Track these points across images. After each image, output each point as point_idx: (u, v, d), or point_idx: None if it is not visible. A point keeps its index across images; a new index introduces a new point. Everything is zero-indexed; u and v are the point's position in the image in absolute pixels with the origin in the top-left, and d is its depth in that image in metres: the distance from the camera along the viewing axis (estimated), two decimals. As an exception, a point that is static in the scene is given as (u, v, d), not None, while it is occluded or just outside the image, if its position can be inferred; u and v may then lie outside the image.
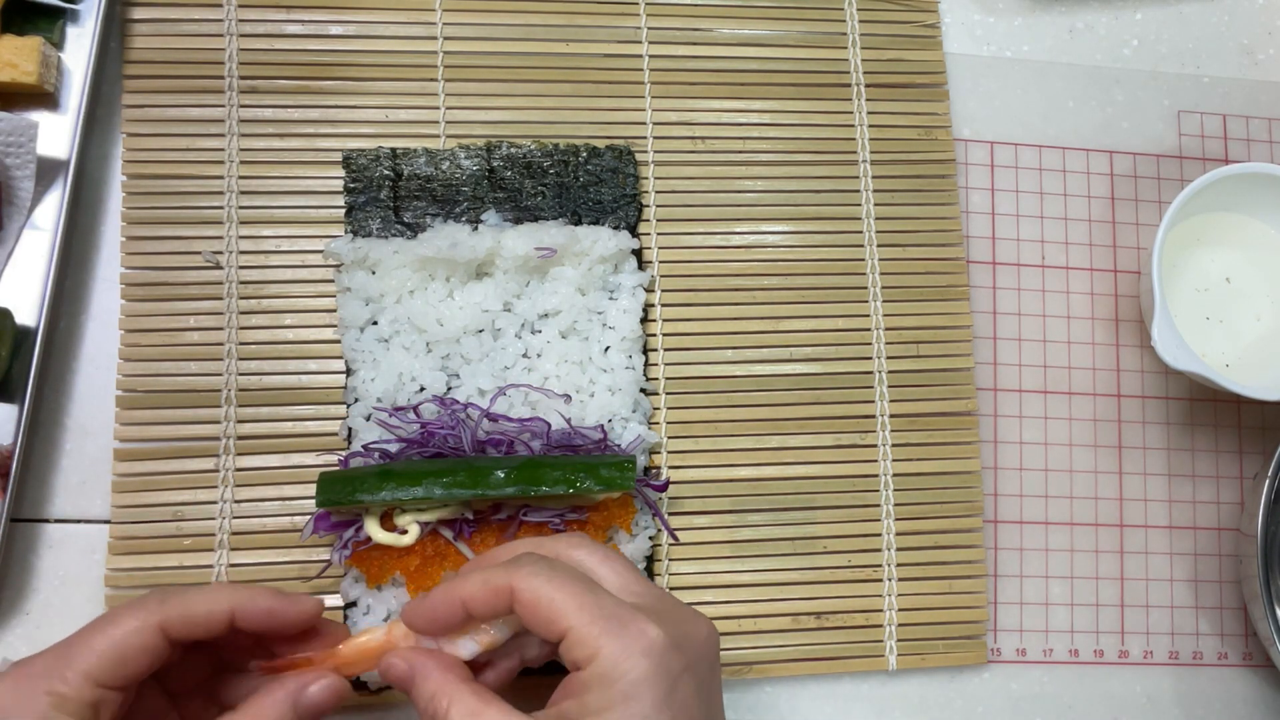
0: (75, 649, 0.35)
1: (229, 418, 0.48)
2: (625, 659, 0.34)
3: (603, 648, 0.34)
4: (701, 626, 0.37)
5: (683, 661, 0.35)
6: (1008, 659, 0.52)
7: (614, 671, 0.34)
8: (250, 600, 0.37)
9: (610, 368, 0.49)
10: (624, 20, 0.53)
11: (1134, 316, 0.55)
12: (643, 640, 0.34)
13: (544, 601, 0.35)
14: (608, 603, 0.35)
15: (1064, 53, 0.58)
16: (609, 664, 0.34)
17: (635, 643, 0.34)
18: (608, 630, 0.34)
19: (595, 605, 0.35)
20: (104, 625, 0.35)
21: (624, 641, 0.34)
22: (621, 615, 0.35)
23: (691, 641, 0.36)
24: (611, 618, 0.35)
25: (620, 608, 0.35)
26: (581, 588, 0.35)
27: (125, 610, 0.36)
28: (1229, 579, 0.54)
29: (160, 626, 0.35)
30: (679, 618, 0.37)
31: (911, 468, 0.52)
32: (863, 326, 0.52)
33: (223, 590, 0.37)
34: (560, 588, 0.35)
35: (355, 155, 0.50)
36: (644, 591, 0.37)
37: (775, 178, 0.53)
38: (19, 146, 0.46)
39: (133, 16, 0.50)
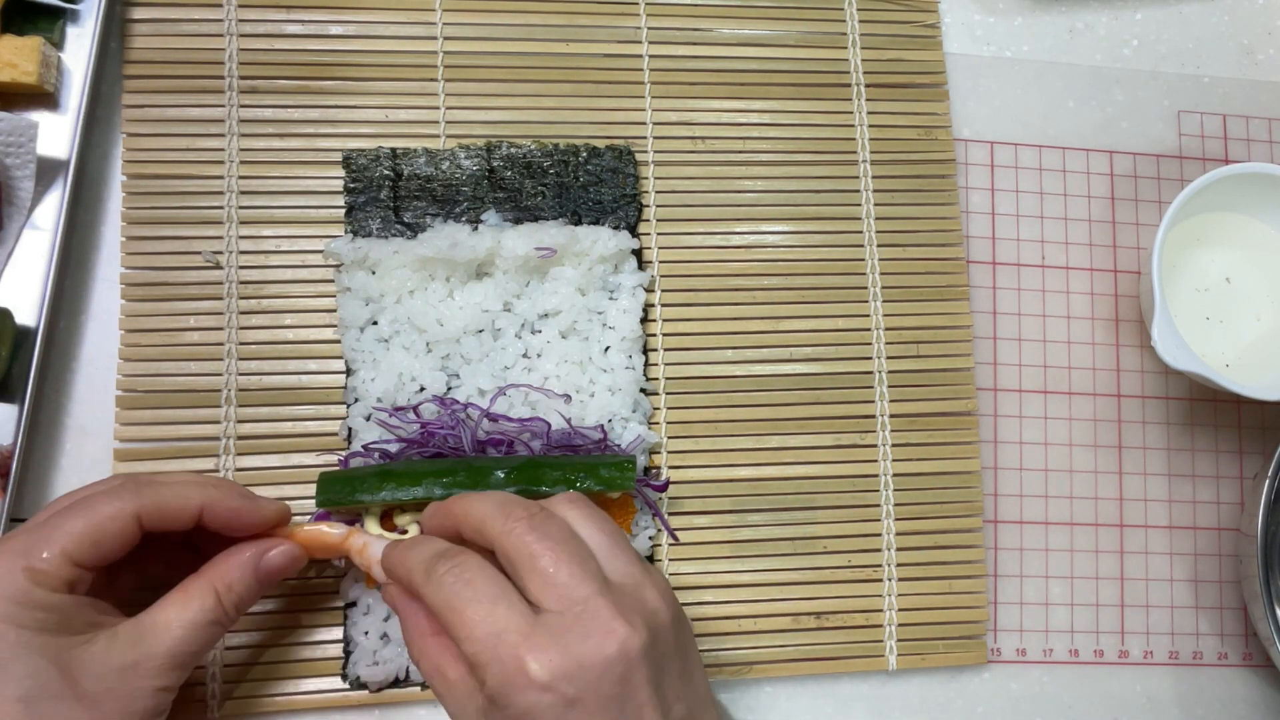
0: (53, 529, 0.36)
1: (229, 418, 0.48)
2: (504, 695, 0.35)
3: (489, 677, 0.35)
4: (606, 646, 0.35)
5: (565, 696, 0.34)
6: (1008, 659, 0.52)
7: (499, 700, 0.35)
8: (220, 499, 0.39)
9: (610, 368, 0.49)
10: (624, 20, 0.53)
11: (1134, 316, 0.55)
12: (521, 676, 0.34)
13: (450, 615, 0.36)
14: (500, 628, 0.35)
15: (1064, 53, 0.58)
16: (493, 692, 0.35)
17: (515, 679, 0.35)
18: (494, 661, 0.35)
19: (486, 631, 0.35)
20: (82, 509, 0.37)
21: (505, 677, 0.35)
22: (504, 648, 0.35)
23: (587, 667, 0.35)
24: (497, 650, 0.35)
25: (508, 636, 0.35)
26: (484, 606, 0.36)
27: (103, 497, 0.37)
28: (1229, 579, 0.54)
29: (135, 514, 0.37)
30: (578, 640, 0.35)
31: (911, 468, 0.52)
32: (863, 326, 0.52)
33: (194, 485, 0.39)
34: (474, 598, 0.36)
35: (355, 155, 0.50)
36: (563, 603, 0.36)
37: (775, 178, 0.53)
38: (19, 146, 0.46)
39: (133, 16, 0.50)
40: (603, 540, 0.38)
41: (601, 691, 0.35)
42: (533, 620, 0.35)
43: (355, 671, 0.46)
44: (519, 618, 0.35)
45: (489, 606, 0.36)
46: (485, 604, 0.36)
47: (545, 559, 0.36)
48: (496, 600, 0.36)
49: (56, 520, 0.37)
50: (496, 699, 0.35)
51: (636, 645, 0.35)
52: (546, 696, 0.34)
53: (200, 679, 0.45)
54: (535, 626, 0.35)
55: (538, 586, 0.36)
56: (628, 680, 0.35)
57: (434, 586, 0.37)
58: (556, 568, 0.36)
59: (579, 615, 0.35)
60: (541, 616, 0.36)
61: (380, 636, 0.46)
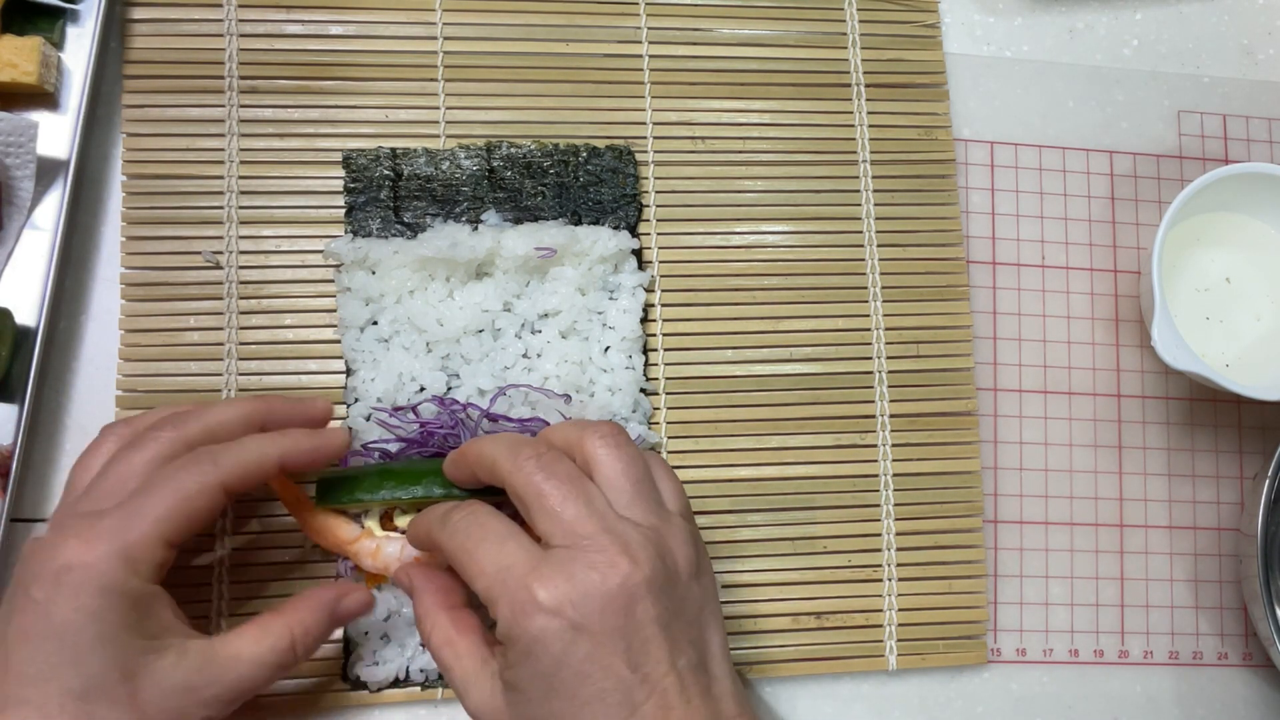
0: (144, 511, 0.36)
1: (229, 418, 0.47)
2: (516, 623, 0.35)
3: (499, 610, 0.36)
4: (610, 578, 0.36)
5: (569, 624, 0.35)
6: (1008, 659, 0.52)
7: (511, 632, 0.36)
8: (293, 447, 0.40)
9: (610, 368, 0.49)
10: (624, 20, 0.53)
11: (1134, 316, 0.55)
12: (530, 604, 0.35)
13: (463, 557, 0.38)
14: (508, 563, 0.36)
15: (1064, 53, 0.58)
16: (505, 626, 0.36)
17: (524, 607, 0.35)
18: (504, 593, 0.36)
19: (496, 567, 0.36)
20: (167, 487, 0.36)
21: (514, 607, 0.36)
22: (512, 579, 0.36)
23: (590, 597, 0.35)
24: (506, 583, 0.36)
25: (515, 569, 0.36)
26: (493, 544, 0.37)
27: (185, 472, 0.37)
28: (1229, 579, 0.54)
29: (221, 485, 0.37)
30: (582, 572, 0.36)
31: (911, 468, 0.52)
32: (863, 326, 0.52)
33: (269, 442, 0.40)
34: (484, 538, 0.37)
35: (355, 155, 0.50)
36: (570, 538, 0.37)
37: (775, 178, 0.53)
38: (19, 146, 0.46)
39: (133, 16, 0.50)
40: (626, 478, 0.39)
41: (606, 622, 0.35)
42: (540, 555, 0.36)
43: (355, 671, 0.46)
44: (526, 553, 0.37)
45: (498, 544, 0.37)
46: (494, 543, 0.37)
47: (552, 496, 0.37)
48: (505, 539, 0.37)
49: (146, 501, 0.36)
50: (509, 633, 0.36)
51: (639, 580, 0.36)
52: (554, 621, 0.35)
53: (200, 679, 0.45)
54: (542, 560, 0.36)
55: (545, 523, 0.37)
56: (631, 613, 0.36)
57: (449, 532, 0.38)
58: (563, 505, 0.37)
59: (584, 549, 0.36)
60: (549, 552, 0.36)
61: (380, 637, 0.46)
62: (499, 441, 0.40)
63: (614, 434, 0.40)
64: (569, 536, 0.36)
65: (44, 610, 0.34)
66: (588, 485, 0.38)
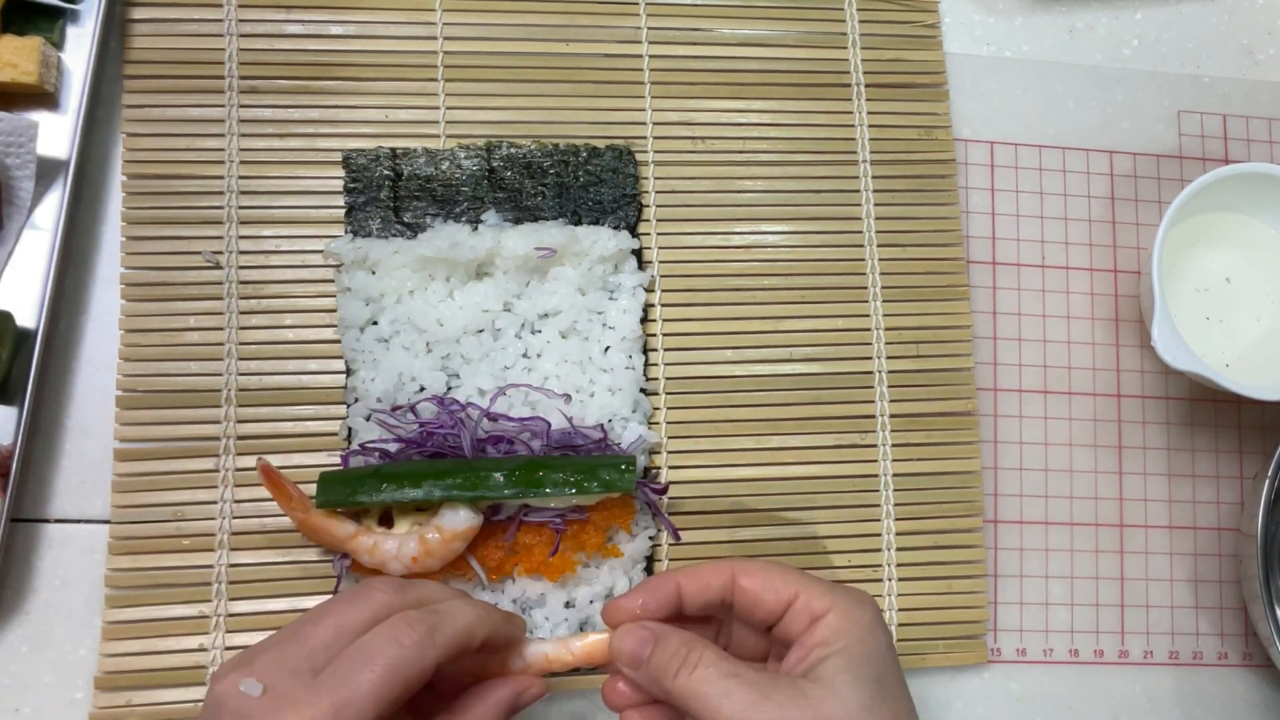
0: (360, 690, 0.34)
1: (229, 418, 0.48)
2: (858, 604, 0.38)
3: (837, 596, 0.38)
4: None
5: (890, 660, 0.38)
6: (1008, 659, 0.52)
7: (853, 610, 0.38)
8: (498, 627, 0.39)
9: (610, 368, 0.49)
10: (624, 20, 0.53)
11: (1134, 316, 0.55)
12: (862, 595, 0.39)
13: (772, 578, 0.39)
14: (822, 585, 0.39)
15: (1064, 53, 0.58)
16: (847, 607, 0.38)
17: (858, 595, 0.39)
18: (834, 589, 0.39)
19: (813, 578, 0.39)
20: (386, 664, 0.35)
21: (851, 594, 0.39)
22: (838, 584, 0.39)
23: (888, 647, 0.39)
24: (832, 584, 0.39)
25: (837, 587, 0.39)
26: (797, 571, 0.39)
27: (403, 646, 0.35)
28: (1229, 579, 0.54)
29: (438, 661, 0.36)
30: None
31: (911, 468, 0.52)
32: (863, 326, 0.52)
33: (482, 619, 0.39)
34: (780, 570, 0.39)
35: (355, 155, 0.50)
36: None
37: (775, 178, 0.53)
38: (19, 146, 0.46)
39: (133, 16, 0.50)
40: None
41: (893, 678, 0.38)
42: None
43: None
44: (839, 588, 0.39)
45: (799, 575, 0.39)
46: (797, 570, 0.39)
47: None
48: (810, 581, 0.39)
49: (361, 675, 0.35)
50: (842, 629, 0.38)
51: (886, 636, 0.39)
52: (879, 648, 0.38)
53: (200, 680, 0.45)
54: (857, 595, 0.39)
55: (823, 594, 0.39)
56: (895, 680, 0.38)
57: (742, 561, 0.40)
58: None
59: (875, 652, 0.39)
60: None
61: None
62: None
63: None
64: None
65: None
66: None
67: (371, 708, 0.34)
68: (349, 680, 0.35)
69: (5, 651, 0.46)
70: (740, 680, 0.36)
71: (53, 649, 0.46)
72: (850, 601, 0.38)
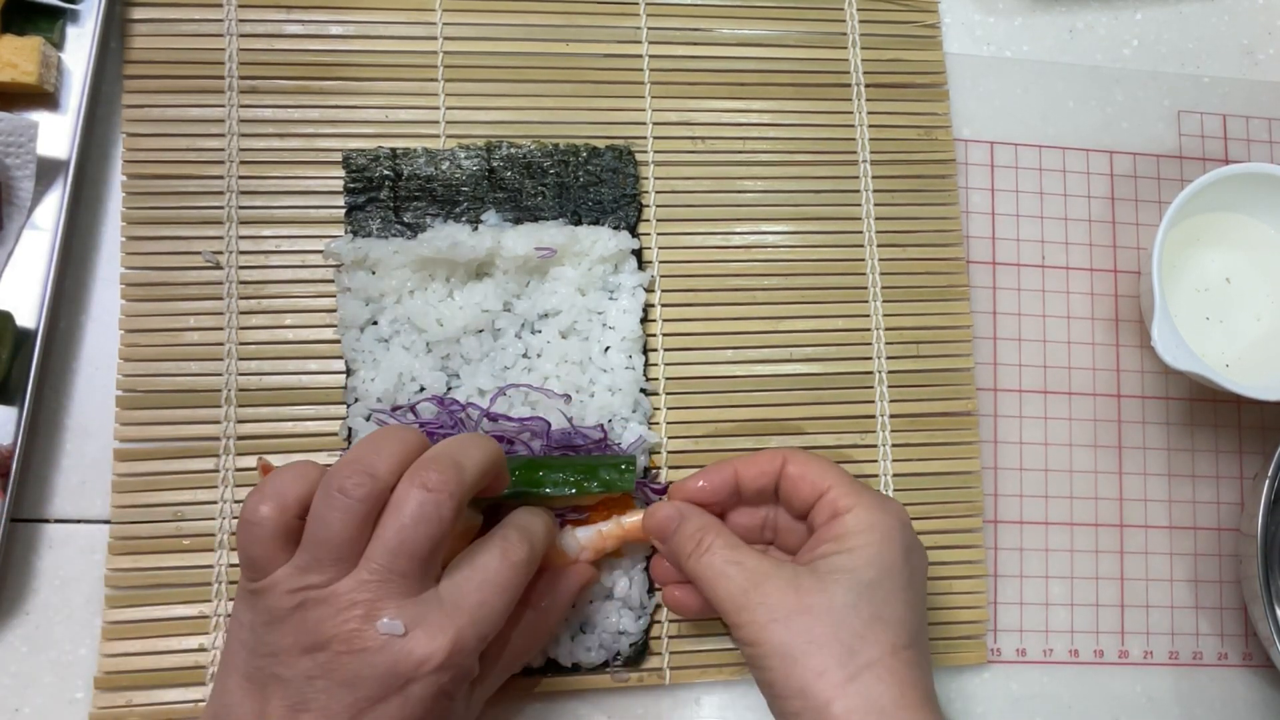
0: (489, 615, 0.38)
1: (229, 418, 0.48)
2: (882, 510, 0.41)
3: (863, 499, 0.41)
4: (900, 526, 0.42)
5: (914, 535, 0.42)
6: (1008, 659, 0.52)
7: (873, 515, 0.41)
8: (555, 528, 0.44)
9: (610, 368, 0.49)
10: (624, 20, 0.53)
11: (1134, 316, 0.55)
12: (892, 504, 0.42)
13: (812, 468, 0.43)
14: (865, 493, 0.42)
15: (1064, 53, 0.58)
16: (868, 510, 0.41)
17: (888, 503, 0.42)
18: (864, 492, 0.42)
19: (851, 479, 0.43)
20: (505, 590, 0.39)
21: (879, 500, 0.42)
22: (872, 489, 0.43)
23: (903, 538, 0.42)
24: (866, 488, 0.42)
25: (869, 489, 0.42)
26: (839, 469, 0.43)
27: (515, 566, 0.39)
28: (1229, 579, 0.54)
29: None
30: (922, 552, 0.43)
31: (911, 468, 0.52)
32: (863, 326, 0.52)
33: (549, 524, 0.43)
34: (823, 464, 0.43)
35: (355, 155, 0.50)
36: None
37: (775, 178, 0.53)
38: (19, 146, 0.46)
39: (133, 16, 0.50)
40: None
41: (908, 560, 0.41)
42: None
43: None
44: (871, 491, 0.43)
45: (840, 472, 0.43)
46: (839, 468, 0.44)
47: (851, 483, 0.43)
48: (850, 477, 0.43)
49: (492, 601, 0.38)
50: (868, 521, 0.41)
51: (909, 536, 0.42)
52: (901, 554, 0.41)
53: (200, 680, 0.45)
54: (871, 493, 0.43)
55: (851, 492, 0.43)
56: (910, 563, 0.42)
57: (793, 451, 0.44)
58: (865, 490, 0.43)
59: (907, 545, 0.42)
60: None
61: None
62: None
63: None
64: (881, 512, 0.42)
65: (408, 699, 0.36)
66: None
67: (502, 620, 0.38)
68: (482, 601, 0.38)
69: (5, 651, 0.46)
70: (741, 567, 0.41)
71: (53, 649, 0.46)
72: (874, 505, 0.41)
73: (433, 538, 0.36)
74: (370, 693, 0.35)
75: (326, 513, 0.36)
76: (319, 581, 0.36)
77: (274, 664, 0.36)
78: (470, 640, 0.36)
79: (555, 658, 0.47)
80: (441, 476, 0.37)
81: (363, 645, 0.35)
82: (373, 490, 0.37)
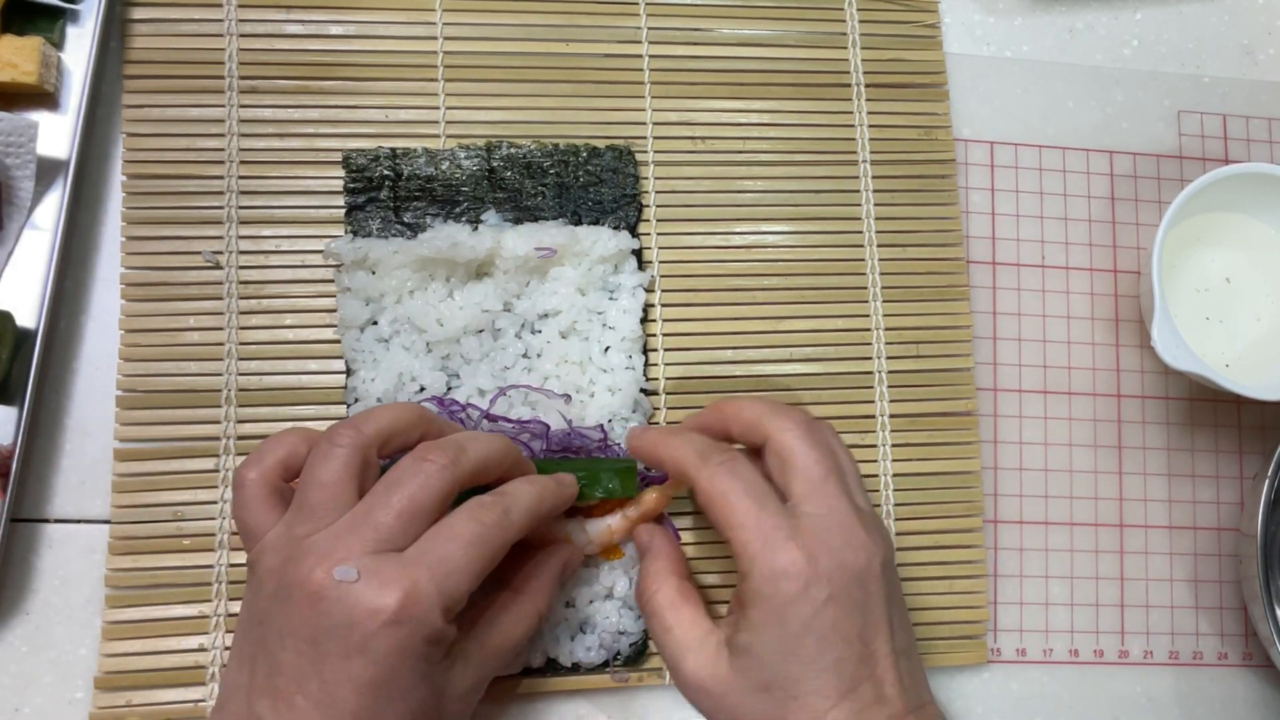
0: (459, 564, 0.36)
1: (229, 418, 0.48)
2: (771, 582, 0.37)
3: (756, 566, 0.38)
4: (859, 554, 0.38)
5: (826, 591, 0.37)
6: (1008, 659, 0.52)
7: (765, 589, 0.38)
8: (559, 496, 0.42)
9: (610, 368, 0.49)
10: (624, 20, 0.53)
11: (1134, 316, 0.55)
12: (792, 566, 0.37)
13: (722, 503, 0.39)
14: (770, 523, 0.38)
15: (1064, 53, 0.58)
16: (759, 582, 0.38)
17: (783, 570, 0.37)
18: (762, 552, 0.38)
19: (758, 523, 0.38)
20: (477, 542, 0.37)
21: (773, 566, 0.38)
22: (776, 539, 0.38)
23: (844, 569, 0.38)
24: (768, 541, 0.38)
25: (779, 530, 0.38)
26: (754, 501, 0.39)
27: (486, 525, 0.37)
28: (1229, 579, 0.54)
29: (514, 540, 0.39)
30: (838, 544, 0.38)
31: (911, 468, 0.52)
32: (863, 326, 0.52)
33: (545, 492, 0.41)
34: (739, 497, 0.39)
35: (355, 155, 0.50)
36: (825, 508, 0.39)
37: (775, 178, 0.53)
38: (19, 146, 0.46)
39: (133, 16, 0.50)
40: (853, 468, 0.42)
41: (852, 594, 0.38)
42: (796, 521, 0.38)
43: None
44: (784, 517, 0.38)
45: (759, 500, 0.39)
46: (755, 498, 0.39)
47: (816, 466, 0.40)
48: (765, 498, 0.39)
49: (454, 554, 0.36)
50: (761, 590, 0.38)
51: (878, 564, 0.39)
52: (812, 587, 0.37)
53: (200, 680, 0.45)
54: (800, 525, 0.38)
55: (803, 487, 0.39)
56: (869, 591, 0.38)
57: (709, 473, 0.40)
58: (825, 476, 0.39)
59: (840, 523, 0.39)
60: (803, 518, 0.39)
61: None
62: (689, 445, 0.41)
63: (805, 424, 0.41)
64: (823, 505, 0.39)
65: (370, 659, 0.34)
66: (772, 497, 0.39)
67: (466, 585, 0.36)
68: (442, 556, 0.36)
69: (5, 651, 0.46)
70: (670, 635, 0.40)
71: (53, 649, 0.46)
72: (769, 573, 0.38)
73: (415, 499, 0.37)
74: (332, 648, 0.34)
75: (314, 464, 0.37)
76: (303, 534, 0.36)
77: (260, 630, 0.36)
78: (428, 593, 0.35)
79: (555, 658, 0.47)
80: (442, 453, 0.38)
81: (321, 593, 0.35)
82: (357, 441, 0.38)
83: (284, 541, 0.36)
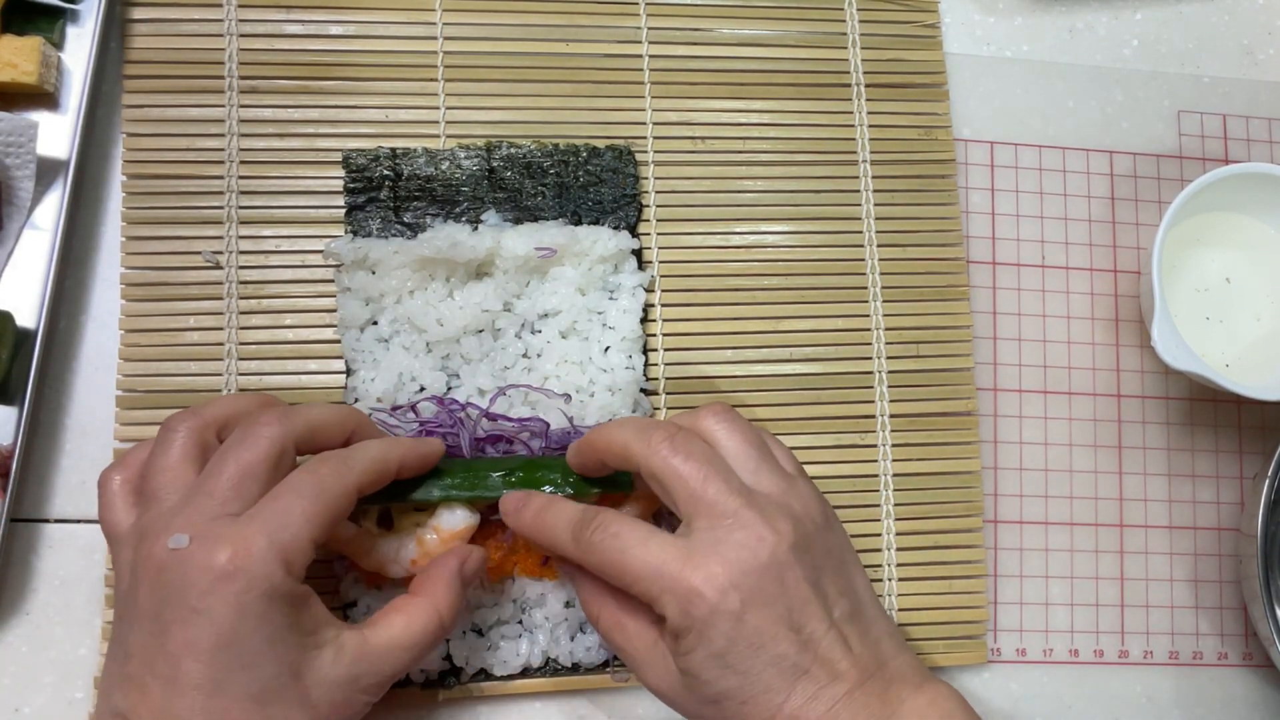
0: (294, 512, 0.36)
1: (229, 418, 0.47)
2: (685, 614, 0.37)
3: (667, 608, 0.37)
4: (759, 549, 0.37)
5: (737, 599, 0.36)
6: (1008, 659, 0.52)
7: (683, 622, 0.37)
8: (410, 450, 0.42)
9: (610, 368, 0.49)
10: (624, 20, 0.53)
11: (1134, 316, 0.55)
12: (693, 596, 0.37)
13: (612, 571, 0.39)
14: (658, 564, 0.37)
15: (1064, 53, 0.58)
16: (677, 618, 0.37)
17: (688, 599, 0.37)
18: (664, 594, 0.37)
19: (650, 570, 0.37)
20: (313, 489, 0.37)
21: (679, 601, 0.37)
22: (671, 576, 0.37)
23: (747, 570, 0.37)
24: (664, 581, 0.37)
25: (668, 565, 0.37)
26: (640, 551, 0.38)
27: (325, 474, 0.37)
28: (1229, 579, 0.54)
29: (357, 487, 0.38)
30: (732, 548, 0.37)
31: (911, 468, 0.52)
32: (863, 326, 0.52)
33: (387, 444, 0.41)
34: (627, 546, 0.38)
35: (355, 155, 0.50)
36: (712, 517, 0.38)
37: (775, 178, 0.53)
38: (19, 146, 0.46)
39: (133, 16, 0.50)
40: (749, 451, 0.40)
41: (765, 593, 0.37)
42: (686, 545, 0.37)
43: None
44: (673, 547, 0.38)
45: (643, 547, 0.38)
46: (639, 546, 0.38)
47: (692, 478, 0.38)
48: (647, 539, 0.38)
49: (290, 504, 0.36)
50: (679, 625, 0.37)
51: (785, 547, 0.37)
52: (720, 605, 0.36)
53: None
54: (691, 548, 0.37)
55: (687, 504, 0.38)
56: (784, 580, 0.37)
57: (588, 548, 0.39)
58: (704, 485, 0.38)
59: (730, 527, 0.37)
60: (693, 537, 0.38)
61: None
62: (627, 426, 0.41)
63: (726, 412, 0.41)
64: (711, 516, 0.38)
65: (209, 619, 0.34)
66: (723, 462, 0.39)
67: (306, 533, 0.36)
68: (276, 509, 0.36)
69: (5, 651, 0.46)
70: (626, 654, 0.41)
71: (53, 649, 0.46)
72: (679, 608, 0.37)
73: (244, 461, 0.37)
74: (172, 617, 0.34)
75: (153, 453, 0.38)
76: (149, 519, 0.37)
77: (120, 626, 0.36)
78: (259, 545, 0.34)
79: (555, 658, 0.47)
80: (271, 415, 0.38)
81: (161, 566, 0.35)
82: (194, 424, 0.38)
83: (133, 532, 0.37)
